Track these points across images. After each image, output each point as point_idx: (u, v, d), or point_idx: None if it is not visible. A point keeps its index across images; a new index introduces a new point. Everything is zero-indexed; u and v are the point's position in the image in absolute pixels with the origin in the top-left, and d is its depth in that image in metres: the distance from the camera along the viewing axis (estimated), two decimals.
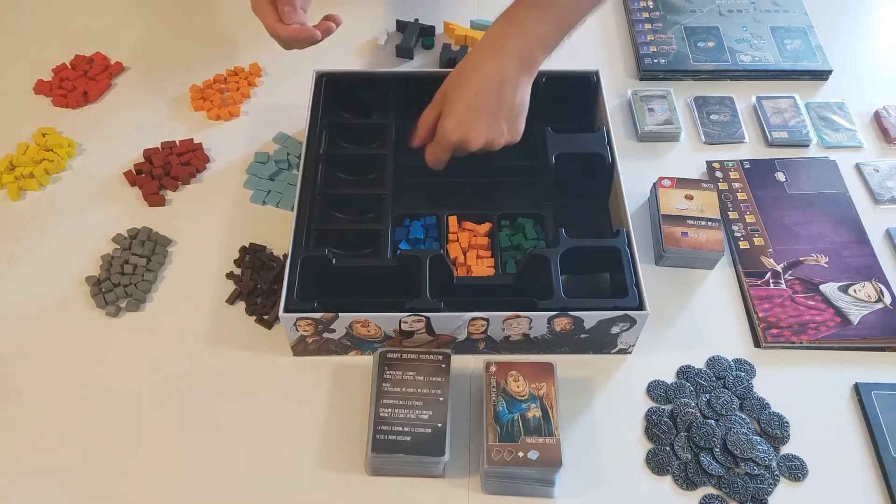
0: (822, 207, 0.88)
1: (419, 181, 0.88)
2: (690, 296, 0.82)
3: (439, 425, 0.66)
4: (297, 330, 0.72)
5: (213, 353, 0.77)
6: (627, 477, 0.70)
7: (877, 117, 0.98)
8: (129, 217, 0.87)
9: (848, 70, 1.04)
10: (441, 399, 0.68)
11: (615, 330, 0.73)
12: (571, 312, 0.71)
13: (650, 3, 1.11)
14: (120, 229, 0.85)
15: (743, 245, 0.85)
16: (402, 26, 1.08)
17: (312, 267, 0.74)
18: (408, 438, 0.66)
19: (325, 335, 0.73)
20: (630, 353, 0.77)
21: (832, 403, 0.74)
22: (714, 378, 0.75)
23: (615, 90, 1.01)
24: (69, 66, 1.02)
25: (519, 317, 0.71)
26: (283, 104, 0.99)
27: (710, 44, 1.05)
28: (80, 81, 1.00)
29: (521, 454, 0.65)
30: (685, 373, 0.76)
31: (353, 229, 0.82)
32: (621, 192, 0.80)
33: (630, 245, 0.75)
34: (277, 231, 0.85)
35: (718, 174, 0.92)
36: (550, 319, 0.72)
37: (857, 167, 0.93)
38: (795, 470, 0.70)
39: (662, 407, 0.74)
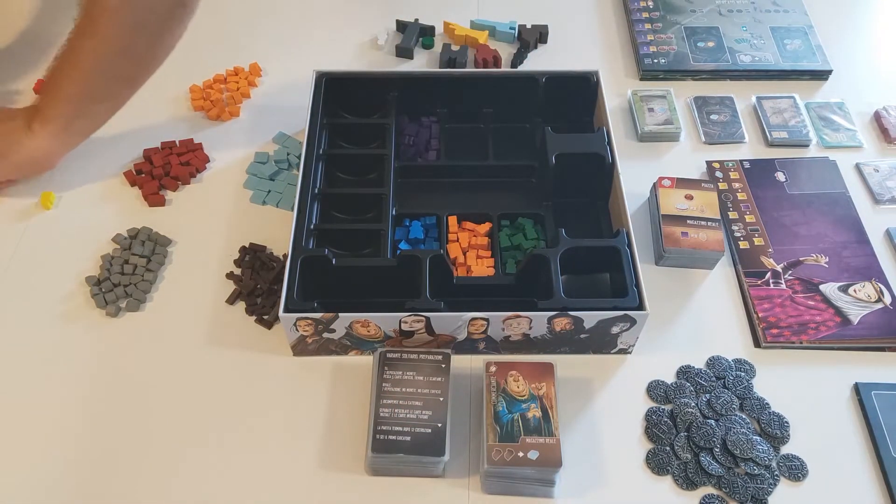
0: (822, 207, 0.88)
1: (419, 181, 0.89)
2: (690, 296, 0.82)
3: (439, 425, 0.66)
4: (297, 330, 0.72)
5: (213, 353, 0.77)
6: (627, 477, 0.70)
7: (877, 117, 0.98)
8: (129, 217, 0.87)
9: (848, 70, 1.04)
10: (441, 399, 0.68)
11: (615, 330, 0.73)
12: (571, 312, 0.71)
13: (650, 3, 1.11)
14: (120, 229, 0.85)
15: (743, 245, 0.85)
16: (402, 26, 1.08)
17: (312, 267, 0.74)
18: (408, 438, 0.66)
19: (325, 335, 0.73)
20: (630, 353, 0.77)
21: (832, 403, 0.74)
22: (714, 378, 0.75)
23: (615, 90, 1.01)
24: None
25: (519, 317, 0.71)
26: (283, 104, 0.99)
27: (710, 44, 1.05)
28: None
29: (521, 454, 0.65)
30: (685, 373, 0.76)
31: (353, 229, 0.82)
32: (621, 192, 0.80)
33: (630, 245, 0.75)
34: (277, 231, 0.85)
35: (718, 174, 0.92)
36: (550, 319, 0.72)
37: (857, 167, 0.93)
38: (795, 470, 0.70)
39: (662, 407, 0.74)
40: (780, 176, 0.92)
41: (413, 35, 1.05)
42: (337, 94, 0.90)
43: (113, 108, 0.86)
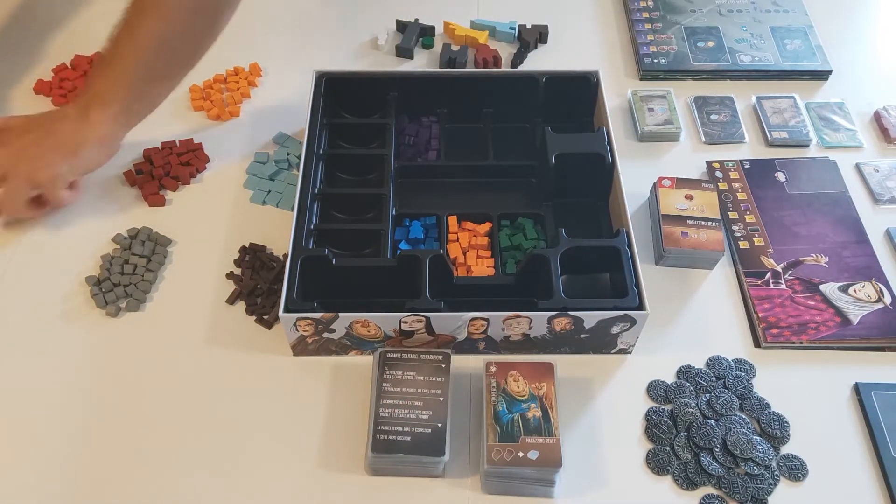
0: (822, 207, 0.88)
1: (419, 181, 0.89)
2: (690, 296, 0.82)
3: (439, 425, 0.66)
4: (297, 330, 0.72)
5: (213, 353, 0.77)
6: (627, 477, 0.70)
7: (877, 117, 0.98)
8: (129, 217, 0.87)
9: (848, 70, 1.04)
10: (441, 399, 0.68)
11: (615, 330, 0.73)
12: (571, 312, 0.71)
13: (650, 3, 1.11)
14: (120, 229, 0.85)
15: (743, 245, 0.85)
16: (402, 26, 1.08)
17: (312, 267, 0.74)
18: (408, 438, 0.66)
19: (325, 335, 0.73)
20: (630, 353, 0.77)
21: (832, 403, 0.74)
22: (714, 378, 0.75)
23: (615, 90, 1.01)
24: (69, 66, 1.02)
25: (519, 317, 0.71)
26: (283, 104, 0.99)
27: (710, 44, 1.05)
28: (80, 81, 1.00)
29: (521, 454, 0.65)
30: (685, 373, 0.76)
31: (353, 229, 0.82)
32: (621, 192, 0.80)
33: (630, 245, 0.75)
34: (277, 231, 0.85)
35: (718, 174, 0.92)
36: (550, 319, 0.72)
37: (857, 167, 0.93)
38: (795, 470, 0.70)
39: (662, 407, 0.74)
40: (780, 176, 0.92)
41: (413, 35, 1.05)
42: (337, 94, 0.90)
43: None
